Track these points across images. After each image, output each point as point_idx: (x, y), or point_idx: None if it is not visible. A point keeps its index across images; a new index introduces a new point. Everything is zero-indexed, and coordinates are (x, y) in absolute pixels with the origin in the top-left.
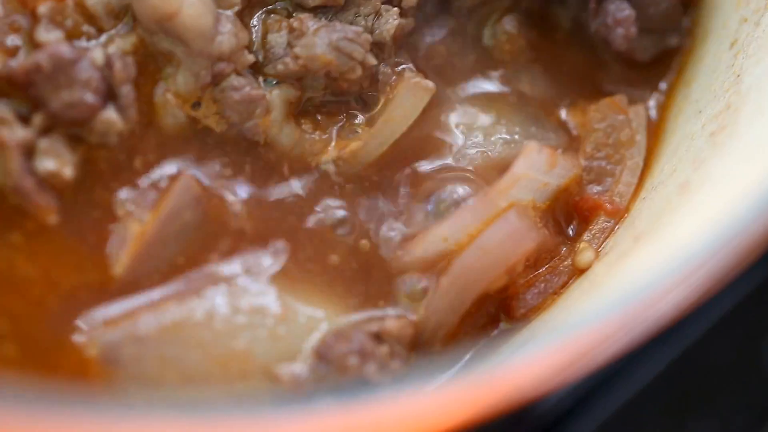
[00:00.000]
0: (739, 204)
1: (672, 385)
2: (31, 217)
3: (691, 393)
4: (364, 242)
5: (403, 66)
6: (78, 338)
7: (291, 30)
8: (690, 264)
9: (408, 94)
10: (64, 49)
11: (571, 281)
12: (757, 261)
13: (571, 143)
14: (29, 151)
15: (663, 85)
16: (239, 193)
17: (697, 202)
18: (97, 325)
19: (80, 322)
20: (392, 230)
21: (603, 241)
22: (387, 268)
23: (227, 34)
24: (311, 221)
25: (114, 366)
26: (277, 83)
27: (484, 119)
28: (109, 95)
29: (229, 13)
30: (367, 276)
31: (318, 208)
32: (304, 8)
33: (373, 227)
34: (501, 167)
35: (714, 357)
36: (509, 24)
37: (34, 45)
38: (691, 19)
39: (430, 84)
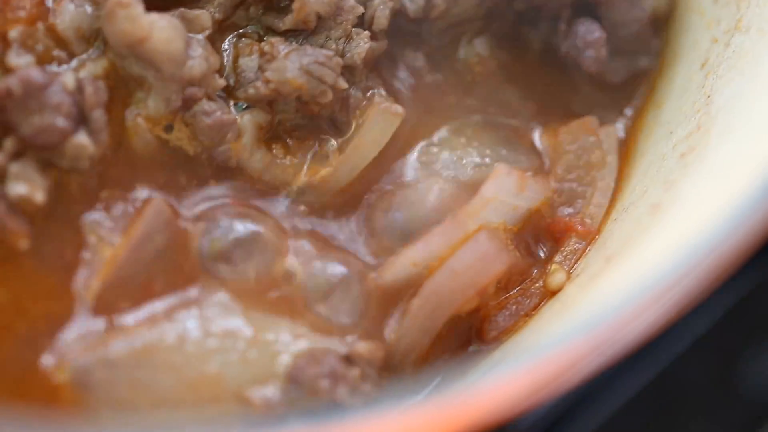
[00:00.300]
0: (709, 225)
1: (647, 407)
2: (1, 242)
3: (666, 414)
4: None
5: (375, 90)
6: (49, 363)
7: (262, 54)
8: (661, 285)
9: (377, 120)
10: (35, 74)
11: (542, 303)
12: (731, 281)
13: (543, 165)
14: (0, 176)
15: (634, 107)
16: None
17: (667, 223)
18: (69, 350)
19: (51, 348)
20: (361, 253)
21: (574, 263)
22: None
23: (198, 59)
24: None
25: (85, 391)
26: (247, 107)
27: (456, 142)
28: (81, 120)
29: (200, 37)
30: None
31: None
32: (275, 32)
33: (343, 251)
34: (472, 190)
35: (689, 378)
36: (480, 46)
37: (4, 70)
38: (662, 41)
39: (399, 109)
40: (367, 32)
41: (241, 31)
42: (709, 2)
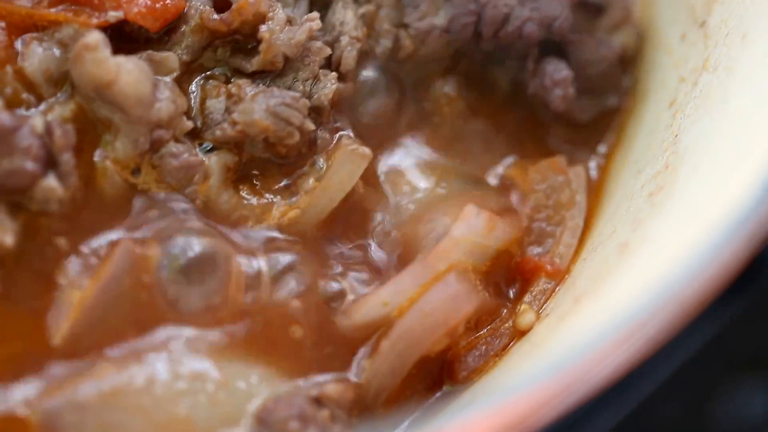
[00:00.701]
0: (677, 265)
1: None
2: None
3: None
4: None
5: (342, 132)
6: (19, 406)
7: (229, 96)
8: (630, 325)
9: (345, 161)
10: (4, 118)
11: (512, 343)
12: (700, 320)
13: (512, 205)
14: None
15: (603, 145)
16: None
17: (635, 263)
18: (38, 393)
19: (21, 390)
20: (331, 294)
21: (544, 303)
22: (327, 333)
23: (165, 101)
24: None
25: None
26: (212, 148)
27: (425, 182)
28: (50, 163)
29: (168, 79)
30: (308, 340)
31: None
32: (242, 74)
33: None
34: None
35: (662, 417)
36: (448, 86)
37: None
38: (631, 79)
39: (367, 150)
40: (334, 73)
41: (208, 72)
42: (676, 41)
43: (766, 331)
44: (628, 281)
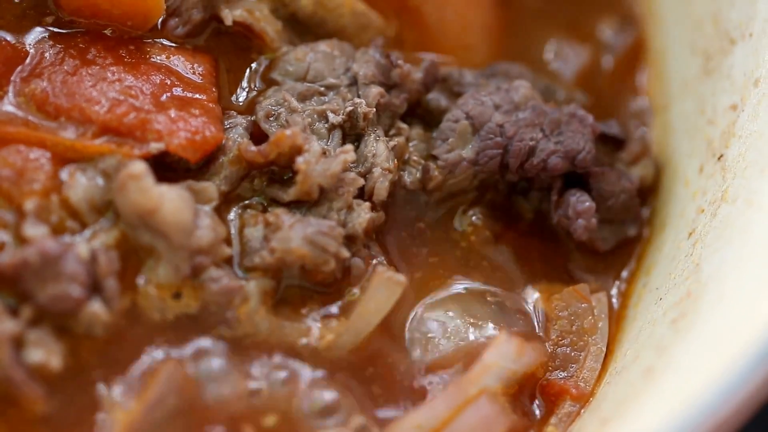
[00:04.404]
0: (706, 393)
1: None
2: (15, 406)
3: None
4: None
5: (376, 259)
6: None
7: (267, 224)
8: None
9: (381, 288)
10: (51, 245)
11: None
12: None
13: (537, 330)
14: (18, 343)
15: (624, 273)
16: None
17: (662, 388)
18: None
19: None
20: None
21: (569, 425)
22: None
23: (206, 229)
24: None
25: None
26: (252, 274)
27: (455, 309)
28: (94, 288)
29: (207, 208)
30: None
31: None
32: (279, 203)
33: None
34: (472, 355)
35: None
36: (474, 216)
37: (20, 240)
38: (650, 210)
39: (402, 278)
40: (367, 203)
41: (246, 202)
42: (694, 174)
43: None
44: (654, 407)
